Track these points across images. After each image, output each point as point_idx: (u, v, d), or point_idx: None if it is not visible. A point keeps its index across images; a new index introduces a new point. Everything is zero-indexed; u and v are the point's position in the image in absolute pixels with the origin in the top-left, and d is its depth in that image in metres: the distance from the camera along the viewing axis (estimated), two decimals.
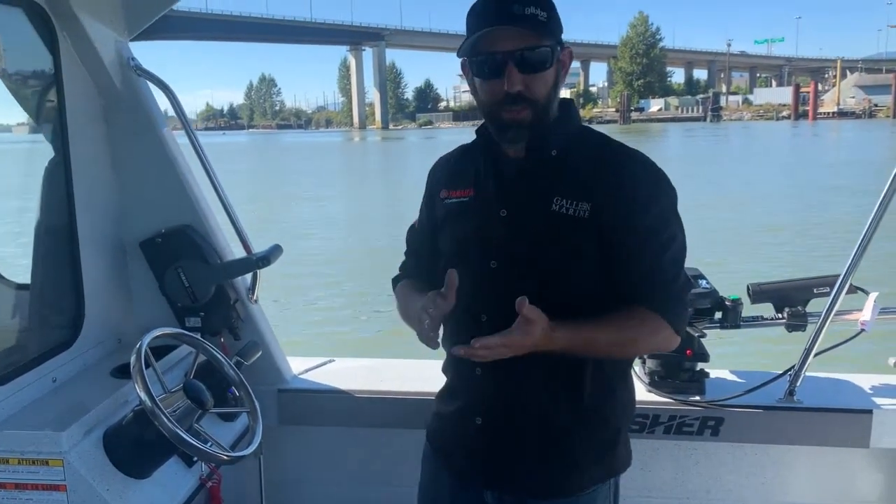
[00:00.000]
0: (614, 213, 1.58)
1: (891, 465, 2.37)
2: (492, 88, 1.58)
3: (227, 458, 1.72)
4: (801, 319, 2.33)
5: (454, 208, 1.73)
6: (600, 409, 1.71)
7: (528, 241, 1.62)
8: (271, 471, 2.49)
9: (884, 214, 2.16)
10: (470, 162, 1.76)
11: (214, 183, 2.30)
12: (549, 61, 1.57)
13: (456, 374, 1.79)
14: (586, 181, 1.60)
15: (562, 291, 1.62)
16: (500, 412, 1.70)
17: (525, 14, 1.51)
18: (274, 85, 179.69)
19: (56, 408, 1.82)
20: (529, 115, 1.57)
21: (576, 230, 1.58)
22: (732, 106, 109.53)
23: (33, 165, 2.12)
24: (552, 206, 1.60)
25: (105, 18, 2.09)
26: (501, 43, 1.53)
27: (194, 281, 2.26)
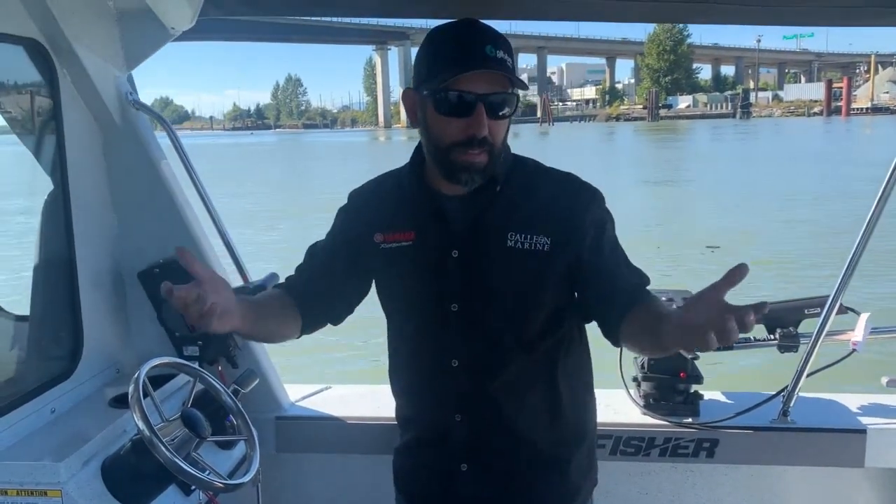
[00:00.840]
0: (576, 242, 1.58)
1: (885, 484, 2.38)
2: (453, 127, 1.51)
3: (225, 487, 1.72)
4: (793, 340, 2.34)
5: (395, 254, 1.65)
6: (579, 425, 1.73)
7: (486, 280, 1.60)
8: (269, 499, 2.48)
9: (871, 235, 2.17)
10: (400, 200, 1.68)
11: (212, 214, 2.33)
12: (513, 108, 1.55)
13: (430, 426, 1.73)
14: (538, 213, 1.59)
15: (533, 322, 1.62)
16: (486, 455, 1.67)
17: (497, 58, 1.48)
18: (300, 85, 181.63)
19: (54, 438, 1.83)
20: (485, 160, 1.53)
21: (536, 263, 1.58)
22: (762, 102, 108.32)
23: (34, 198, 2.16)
24: (507, 242, 1.58)
25: (104, 54, 2.12)
26: (474, 84, 1.48)
27: None
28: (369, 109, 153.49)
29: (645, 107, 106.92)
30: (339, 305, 1.76)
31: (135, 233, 2.29)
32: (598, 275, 1.59)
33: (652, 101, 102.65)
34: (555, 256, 1.57)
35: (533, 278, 1.59)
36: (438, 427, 1.68)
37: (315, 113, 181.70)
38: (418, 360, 1.63)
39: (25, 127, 2.14)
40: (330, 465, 2.56)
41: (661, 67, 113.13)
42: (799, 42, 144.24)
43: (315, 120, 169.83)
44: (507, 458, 1.67)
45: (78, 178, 2.09)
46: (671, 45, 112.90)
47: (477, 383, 1.62)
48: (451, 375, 1.59)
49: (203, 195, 2.31)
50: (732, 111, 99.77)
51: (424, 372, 1.66)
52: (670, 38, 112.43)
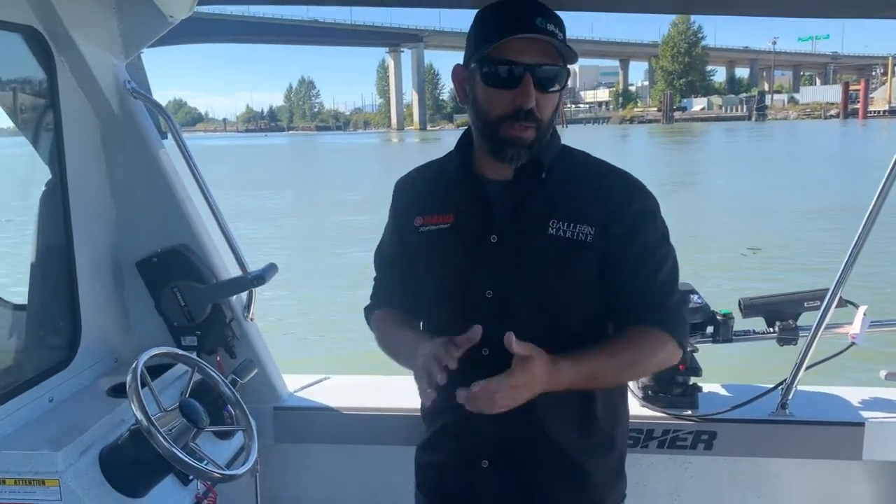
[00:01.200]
0: (614, 235, 1.54)
1: (883, 476, 2.38)
2: (501, 99, 1.48)
3: (223, 477, 1.73)
4: (792, 333, 2.34)
5: (433, 237, 1.63)
6: (609, 434, 1.67)
7: (525, 267, 1.55)
8: (267, 489, 2.49)
9: (871, 228, 2.17)
10: (443, 184, 1.66)
11: (210, 203, 2.32)
12: (563, 82, 1.51)
13: (454, 417, 1.65)
14: (583, 203, 1.55)
15: (567, 317, 1.57)
16: (510, 453, 1.62)
17: (547, 30, 1.45)
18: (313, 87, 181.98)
19: (52, 428, 1.83)
20: (532, 135, 1.50)
21: (577, 253, 1.53)
22: (777, 105, 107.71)
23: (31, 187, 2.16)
24: (549, 230, 1.54)
25: (101, 42, 2.12)
26: (522, 54, 1.45)
27: (190, 300, 2.27)
28: (381, 111, 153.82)
29: (659, 109, 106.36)
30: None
31: (133, 222, 2.28)
32: (619, 274, 1.56)
33: (666, 103, 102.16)
34: (597, 247, 1.53)
35: (572, 268, 1.54)
36: (462, 418, 1.58)
37: (328, 115, 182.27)
38: None
39: (22, 115, 2.14)
40: (328, 455, 2.56)
41: (675, 70, 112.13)
42: (814, 44, 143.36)
43: (328, 122, 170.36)
44: (531, 458, 1.62)
45: (76, 167, 2.09)
46: (686, 47, 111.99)
47: None
48: (481, 364, 1.51)
49: (201, 184, 2.30)
50: (747, 113, 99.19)
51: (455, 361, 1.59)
52: (685, 40, 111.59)
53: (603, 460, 1.66)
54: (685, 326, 1.64)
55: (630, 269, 1.56)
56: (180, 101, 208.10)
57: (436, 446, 1.74)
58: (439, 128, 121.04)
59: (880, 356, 4.07)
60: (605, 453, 1.66)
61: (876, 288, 8.83)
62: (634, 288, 1.56)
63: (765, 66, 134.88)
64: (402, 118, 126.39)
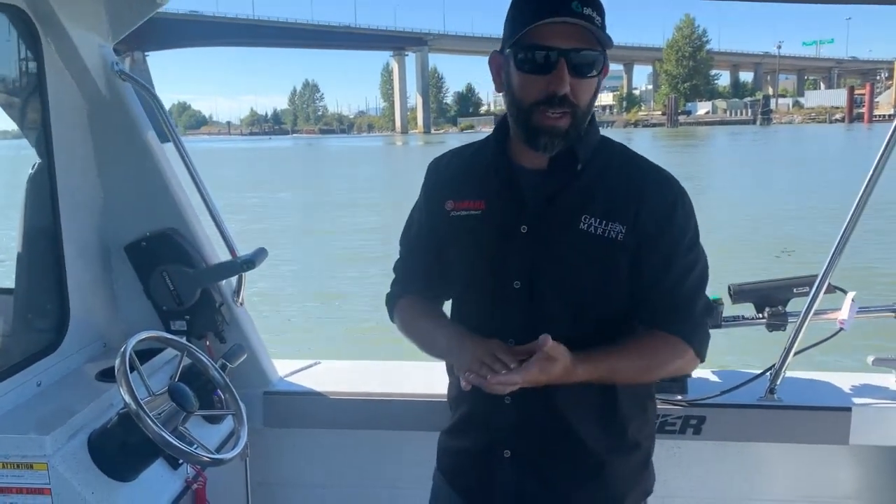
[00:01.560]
0: (645, 233, 1.51)
1: (869, 461, 2.41)
2: (535, 85, 1.45)
3: (212, 461, 1.72)
4: (781, 319, 2.34)
5: (463, 222, 1.60)
6: (634, 432, 1.64)
7: (553, 260, 1.53)
8: (257, 473, 2.49)
9: (861, 214, 2.17)
10: (478, 169, 1.63)
11: (199, 187, 2.30)
12: (599, 67, 1.47)
13: (478, 405, 1.65)
14: (617, 200, 1.52)
15: (593, 313, 1.55)
16: (532, 443, 1.61)
17: (584, 14, 1.41)
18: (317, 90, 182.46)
19: (40, 412, 1.82)
20: (567, 123, 1.47)
21: (607, 251, 1.51)
22: (782, 109, 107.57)
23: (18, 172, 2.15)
24: (580, 225, 1.51)
25: (89, 23, 2.09)
26: (557, 39, 1.41)
27: (179, 284, 2.26)
28: (385, 115, 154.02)
29: (664, 113, 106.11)
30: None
31: (121, 205, 2.27)
32: (645, 275, 1.53)
33: (671, 107, 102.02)
34: (628, 246, 1.51)
35: (601, 265, 1.52)
36: (486, 407, 1.60)
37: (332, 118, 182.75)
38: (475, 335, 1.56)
39: (8, 97, 2.12)
40: (318, 439, 2.56)
41: (679, 73, 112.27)
42: (819, 48, 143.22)
43: (332, 125, 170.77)
44: (552, 451, 1.60)
45: (63, 150, 2.07)
46: (690, 50, 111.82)
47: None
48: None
49: (191, 168, 2.28)
50: (752, 117, 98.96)
51: None
52: (689, 44, 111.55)
53: (626, 456, 1.64)
54: (707, 337, 1.61)
55: (658, 270, 1.53)
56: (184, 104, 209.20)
57: (459, 432, 1.73)
58: (443, 131, 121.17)
59: (868, 342, 4.04)
60: (629, 449, 1.65)
61: (864, 274, 8.95)
62: (661, 290, 1.54)
63: (769, 71, 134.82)
64: (406, 121, 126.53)
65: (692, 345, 1.55)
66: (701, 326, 1.58)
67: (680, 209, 1.55)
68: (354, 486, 2.60)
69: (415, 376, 2.53)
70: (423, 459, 2.52)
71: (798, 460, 2.41)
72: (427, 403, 2.34)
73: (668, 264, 1.53)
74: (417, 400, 2.37)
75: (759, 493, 2.44)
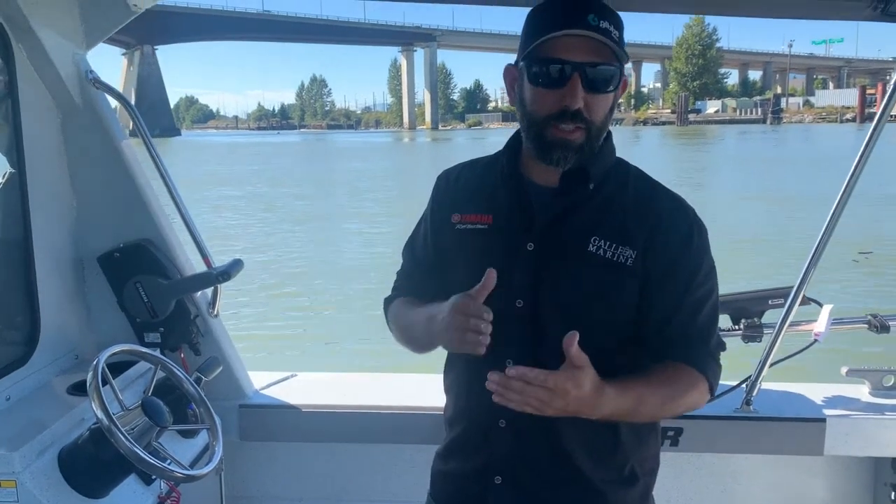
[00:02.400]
0: (657, 263, 1.47)
1: (844, 471, 2.44)
2: (548, 99, 1.41)
3: (185, 477, 1.70)
4: (757, 331, 2.36)
5: (469, 236, 1.56)
6: (635, 465, 1.59)
7: (558, 280, 1.48)
8: (232, 487, 2.47)
9: (835, 226, 2.19)
10: (487, 183, 1.58)
11: (174, 196, 2.27)
12: (615, 83, 1.43)
13: (471, 427, 1.60)
14: (628, 224, 1.48)
15: (595, 337, 1.46)
16: (525, 470, 1.54)
17: (600, 27, 1.37)
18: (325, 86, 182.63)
19: (9, 427, 1.78)
20: (581, 138, 1.42)
21: (615, 276, 1.46)
22: (792, 108, 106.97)
23: None
24: (589, 247, 1.46)
25: (62, 31, 2.06)
26: (571, 52, 1.38)
27: (153, 296, 2.23)
28: (393, 111, 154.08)
29: (673, 111, 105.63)
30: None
31: (94, 215, 2.23)
32: (659, 305, 1.49)
33: (681, 105, 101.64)
34: (636, 272, 1.46)
35: (607, 290, 1.47)
36: (480, 430, 1.55)
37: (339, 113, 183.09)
38: (472, 356, 1.48)
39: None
40: (294, 453, 2.54)
41: (689, 72, 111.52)
42: (828, 48, 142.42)
43: (339, 120, 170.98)
44: (546, 480, 1.54)
45: (35, 159, 2.04)
46: (700, 48, 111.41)
47: None
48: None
49: (165, 177, 2.25)
50: (762, 116, 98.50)
51: (475, 367, 1.51)
52: (699, 42, 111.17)
53: (624, 489, 1.59)
54: (719, 371, 1.56)
55: (673, 301, 1.49)
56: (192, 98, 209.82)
57: (451, 454, 1.67)
58: (451, 127, 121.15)
59: (842, 354, 4.16)
60: (627, 482, 1.59)
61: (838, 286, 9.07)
62: (677, 322, 1.49)
63: (778, 69, 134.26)
64: (413, 117, 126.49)
65: (707, 378, 1.51)
66: (715, 360, 1.55)
67: (696, 239, 1.51)
68: (331, 500, 2.58)
69: (393, 389, 2.51)
70: (401, 472, 2.49)
71: (774, 471, 2.44)
72: (405, 416, 2.32)
73: (683, 296, 1.49)
74: (395, 413, 2.35)
75: (735, 503, 2.46)
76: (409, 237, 1.75)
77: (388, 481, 2.53)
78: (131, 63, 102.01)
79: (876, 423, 2.28)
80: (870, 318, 2.40)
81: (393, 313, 1.73)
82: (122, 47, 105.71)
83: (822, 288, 2.45)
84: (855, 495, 2.46)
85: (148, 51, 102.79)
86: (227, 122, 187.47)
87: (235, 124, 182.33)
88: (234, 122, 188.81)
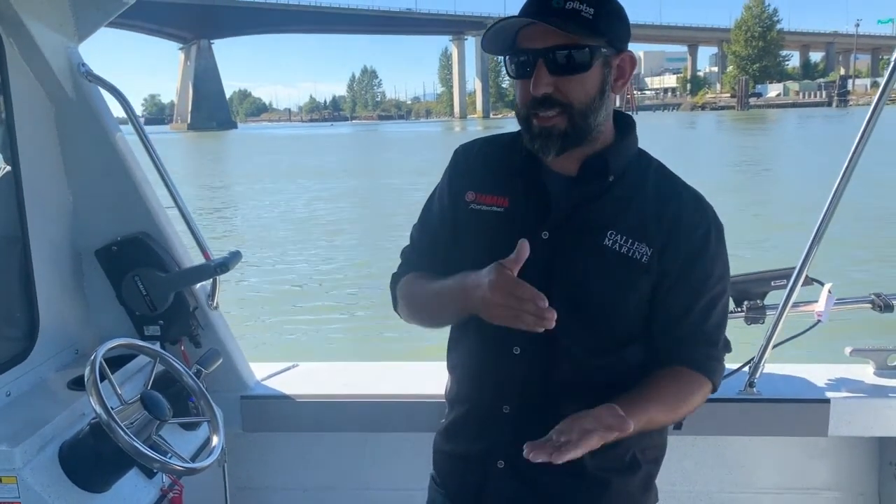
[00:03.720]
0: (673, 263, 1.45)
1: (848, 452, 2.44)
2: (523, 90, 1.43)
3: (186, 470, 1.70)
4: (760, 312, 2.34)
5: (483, 217, 1.53)
6: (638, 454, 1.58)
7: (571, 271, 1.46)
8: (236, 478, 2.47)
9: (837, 206, 2.16)
10: (506, 164, 1.56)
11: (171, 189, 2.27)
12: (587, 63, 1.39)
13: (474, 410, 1.59)
14: (647, 221, 1.46)
15: (603, 331, 1.49)
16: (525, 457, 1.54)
17: (565, 9, 1.36)
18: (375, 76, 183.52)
19: (9, 423, 1.78)
20: (563, 123, 1.41)
21: (629, 272, 1.45)
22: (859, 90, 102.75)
23: None
24: (605, 240, 1.45)
25: (53, 24, 2.05)
26: (535, 41, 1.39)
27: (152, 289, 2.22)
28: (443, 100, 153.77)
29: (733, 95, 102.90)
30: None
31: (91, 209, 2.23)
32: (670, 305, 1.48)
33: (741, 89, 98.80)
34: (651, 270, 1.45)
35: (619, 286, 1.46)
36: (484, 415, 1.55)
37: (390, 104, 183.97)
38: (480, 338, 1.51)
39: None
40: (296, 443, 2.55)
41: (748, 54, 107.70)
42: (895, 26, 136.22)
43: (390, 111, 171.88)
44: (547, 467, 1.49)
45: (29, 154, 2.03)
46: (760, 30, 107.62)
47: (535, 377, 1.49)
48: (510, 362, 1.48)
49: (161, 170, 2.24)
50: (827, 100, 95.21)
51: (482, 353, 1.54)
52: (759, 24, 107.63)
53: (626, 477, 1.58)
54: (723, 370, 1.57)
55: (685, 303, 1.48)
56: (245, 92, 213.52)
57: (454, 435, 1.66)
58: (501, 116, 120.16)
59: (845, 334, 4.10)
60: (629, 468, 1.58)
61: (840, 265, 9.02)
62: (686, 323, 1.49)
63: (841, 50, 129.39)
64: (464, 106, 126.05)
65: (713, 381, 1.53)
66: (721, 362, 1.55)
67: (714, 240, 1.49)
68: (335, 490, 2.58)
69: (394, 377, 2.50)
70: (403, 460, 2.49)
71: (778, 453, 2.44)
72: (407, 405, 2.32)
73: (697, 296, 1.48)
74: (397, 402, 2.35)
75: (739, 485, 2.46)
76: (422, 212, 1.70)
77: (390, 469, 2.53)
78: (188, 58, 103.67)
79: (881, 403, 2.26)
80: (873, 297, 2.37)
81: (405, 290, 1.66)
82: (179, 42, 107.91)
83: (824, 268, 2.39)
84: (859, 475, 2.45)
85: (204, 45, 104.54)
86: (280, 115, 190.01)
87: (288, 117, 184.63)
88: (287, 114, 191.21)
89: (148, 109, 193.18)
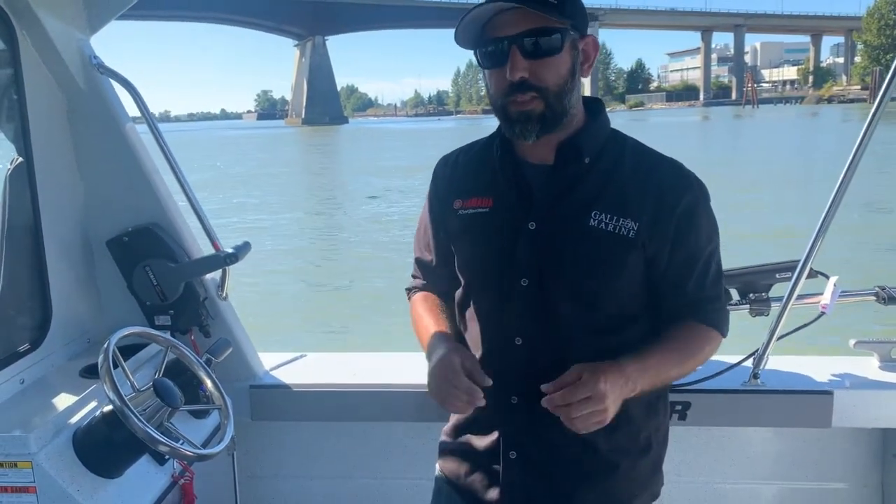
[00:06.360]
0: (662, 232, 1.49)
1: (851, 443, 2.45)
2: (497, 78, 1.46)
3: (197, 456, 1.72)
4: (764, 305, 2.35)
5: (471, 220, 1.58)
6: (645, 436, 1.62)
7: (562, 257, 1.50)
8: (245, 466, 2.50)
9: (842, 198, 2.15)
10: (485, 166, 1.61)
11: (181, 180, 2.28)
12: (558, 46, 1.44)
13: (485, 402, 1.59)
14: (628, 195, 1.49)
15: (601, 310, 1.52)
16: (540, 445, 1.56)
17: None
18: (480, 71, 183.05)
19: (24, 410, 1.82)
20: (540, 106, 1.44)
21: (618, 248, 1.48)
22: None
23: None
24: (590, 221, 1.48)
25: (66, 17, 2.07)
26: (506, 28, 1.43)
27: (162, 279, 2.24)
28: None
29: (864, 87, 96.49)
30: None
31: (102, 200, 2.26)
32: (668, 272, 1.53)
33: (875, 80, 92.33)
34: (639, 244, 1.48)
35: (610, 263, 1.49)
36: (491, 408, 1.55)
37: None
38: (481, 332, 1.57)
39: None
40: (305, 432, 2.57)
41: (882, 44, 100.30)
42: None
43: None
44: (560, 453, 1.56)
45: (42, 145, 2.06)
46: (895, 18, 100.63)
47: (539, 365, 1.50)
48: (513, 353, 1.52)
49: (171, 162, 2.26)
50: None
51: (486, 345, 1.58)
52: (894, 11, 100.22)
53: (637, 459, 1.62)
54: (727, 316, 1.64)
55: (681, 270, 1.54)
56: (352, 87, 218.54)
57: (463, 431, 1.69)
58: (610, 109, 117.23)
59: (850, 326, 4.08)
60: (638, 452, 1.62)
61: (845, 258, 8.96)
62: (685, 289, 1.55)
63: None
64: None
65: (721, 331, 1.59)
66: (724, 310, 1.62)
67: (702, 206, 1.54)
68: (343, 478, 2.60)
69: (402, 367, 2.50)
70: (411, 449, 2.52)
71: (782, 444, 2.45)
72: (415, 395, 2.31)
73: (693, 261, 1.53)
74: (405, 391, 2.36)
75: (743, 476, 2.48)
76: (416, 230, 1.78)
77: (398, 459, 2.55)
78: (303, 54, 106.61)
79: (885, 394, 2.27)
80: (877, 289, 2.37)
81: (411, 311, 1.78)
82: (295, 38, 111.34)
83: (829, 260, 2.36)
84: (863, 466, 2.46)
85: (319, 41, 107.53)
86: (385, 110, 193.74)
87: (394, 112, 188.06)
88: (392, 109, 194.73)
89: (260, 105, 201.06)
